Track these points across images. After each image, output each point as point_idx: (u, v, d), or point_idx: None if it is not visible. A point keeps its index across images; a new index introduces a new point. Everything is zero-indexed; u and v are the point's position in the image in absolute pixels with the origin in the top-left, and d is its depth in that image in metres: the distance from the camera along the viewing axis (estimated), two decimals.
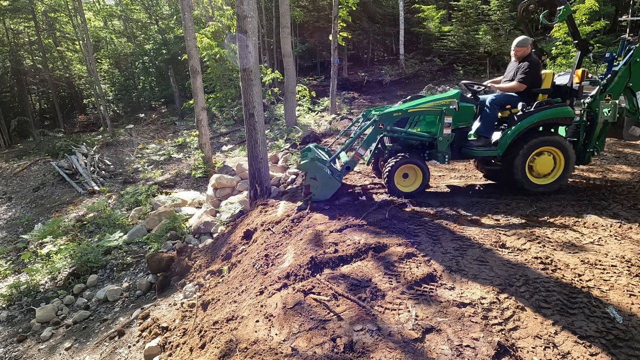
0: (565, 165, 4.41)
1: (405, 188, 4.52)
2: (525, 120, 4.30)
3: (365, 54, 25.20)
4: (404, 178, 4.53)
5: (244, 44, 5.34)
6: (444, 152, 4.51)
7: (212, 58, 15.52)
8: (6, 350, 4.54)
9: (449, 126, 4.40)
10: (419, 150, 4.79)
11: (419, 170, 4.49)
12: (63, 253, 6.45)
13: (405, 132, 4.59)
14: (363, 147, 4.46)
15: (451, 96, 4.46)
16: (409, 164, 4.44)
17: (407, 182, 4.56)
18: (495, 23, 17.33)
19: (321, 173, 4.35)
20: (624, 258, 2.92)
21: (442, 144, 4.46)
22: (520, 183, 4.40)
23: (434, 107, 4.44)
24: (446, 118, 4.37)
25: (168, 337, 3.45)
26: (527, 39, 4.61)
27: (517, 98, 4.50)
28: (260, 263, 3.47)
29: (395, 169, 4.41)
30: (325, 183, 4.38)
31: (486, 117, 4.59)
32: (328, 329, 2.22)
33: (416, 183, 4.54)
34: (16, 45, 22.37)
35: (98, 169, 12.72)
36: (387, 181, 4.45)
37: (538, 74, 4.50)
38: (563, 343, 2.09)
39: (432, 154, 4.66)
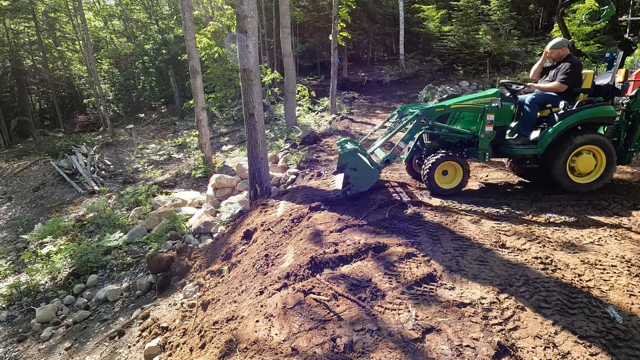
0: (607, 165, 4.37)
1: (444, 185, 4.53)
2: (567, 118, 4.28)
3: (365, 54, 25.20)
4: (443, 175, 4.53)
5: (244, 44, 5.34)
6: (485, 150, 4.51)
7: (212, 58, 15.52)
8: (6, 350, 4.54)
9: (491, 124, 4.41)
10: (457, 148, 4.78)
11: (459, 168, 4.49)
12: (63, 253, 6.45)
13: (447, 128, 4.59)
14: (404, 141, 4.46)
15: (492, 94, 4.47)
16: (449, 161, 4.43)
17: (446, 180, 4.55)
18: (495, 23, 17.32)
19: (362, 164, 4.37)
20: (624, 258, 2.92)
21: (483, 141, 4.47)
22: (560, 182, 4.38)
23: (476, 105, 4.45)
24: (488, 116, 4.38)
25: (168, 337, 3.45)
26: (563, 41, 4.59)
27: (557, 97, 4.50)
28: (260, 263, 3.47)
29: (436, 166, 4.40)
30: (365, 174, 4.40)
31: (526, 116, 4.59)
32: (328, 329, 2.22)
33: (455, 181, 4.54)
34: (16, 45, 22.37)
35: (98, 169, 12.72)
36: (427, 178, 4.44)
37: (579, 74, 4.50)
38: (563, 343, 2.09)
39: (471, 152, 4.66)
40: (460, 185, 4.54)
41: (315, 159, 7.68)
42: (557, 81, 4.52)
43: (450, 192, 4.50)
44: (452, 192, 4.51)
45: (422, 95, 14.64)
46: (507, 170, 5.75)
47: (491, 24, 17.33)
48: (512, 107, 4.60)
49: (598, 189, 4.46)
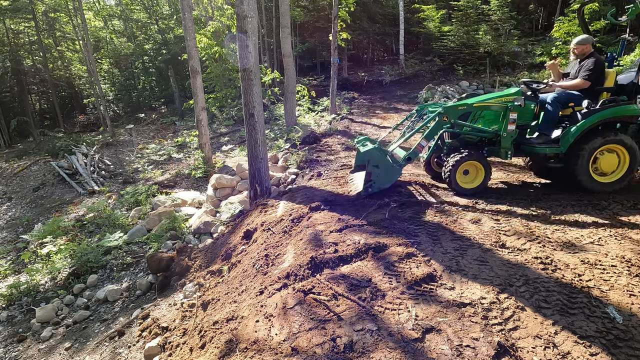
0: (630, 165, 4.35)
1: (466, 185, 4.52)
2: (590, 117, 4.25)
3: (365, 54, 25.20)
4: (464, 175, 4.52)
5: (244, 44, 5.34)
6: (507, 149, 4.51)
7: (212, 58, 15.52)
8: (6, 350, 4.54)
9: (513, 122, 4.40)
10: (478, 147, 4.78)
11: (481, 167, 4.48)
12: (63, 253, 6.45)
13: (469, 127, 4.58)
14: (425, 139, 4.46)
15: (513, 93, 4.47)
16: (471, 160, 4.42)
17: (467, 179, 4.55)
18: (495, 23, 17.32)
19: (384, 161, 4.39)
20: (624, 258, 2.92)
21: (505, 140, 4.46)
22: (582, 181, 4.36)
23: (499, 103, 4.44)
24: (511, 114, 4.37)
25: (168, 337, 3.45)
26: (588, 38, 4.57)
27: (580, 96, 4.48)
28: (260, 263, 3.47)
29: (458, 165, 4.40)
30: (387, 171, 4.42)
31: (548, 115, 4.57)
32: (328, 329, 2.22)
33: (477, 180, 4.53)
34: (16, 45, 22.37)
35: (98, 169, 12.72)
36: (448, 178, 4.44)
37: (602, 71, 4.47)
38: (563, 343, 2.09)
39: (493, 151, 4.67)
40: (482, 184, 4.52)
41: (315, 159, 7.67)
42: (580, 77, 4.48)
43: (471, 192, 4.49)
44: (474, 192, 4.49)
45: (422, 95, 14.63)
46: (507, 170, 5.75)
47: (491, 24, 17.33)
48: (533, 106, 4.58)
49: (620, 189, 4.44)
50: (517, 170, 5.89)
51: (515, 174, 5.70)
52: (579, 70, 4.57)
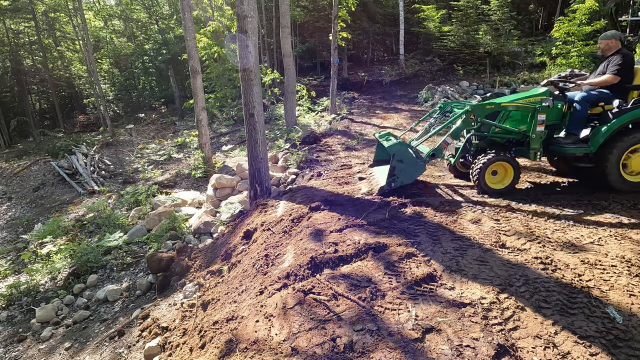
0: None
1: (494, 185, 4.51)
2: (622, 117, 4.20)
3: (365, 54, 25.19)
4: (493, 175, 4.52)
5: (244, 44, 5.34)
6: (536, 150, 4.49)
7: (212, 58, 15.52)
8: (6, 350, 4.54)
9: (542, 123, 4.38)
10: (505, 148, 4.76)
11: (509, 168, 4.47)
12: (63, 253, 6.45)
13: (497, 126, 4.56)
14: (451, 137, 4.45)
15: (541, 93, 4.44)
16: (500, 161, 4.41)
17: (495, 180, 4.54)
18: (495, 23, 17.32)
19: (408, 156, 4.39)
20: (624, 258, 2.92)
21: (534, 141, 4.44)
22: (612, 180, 4.32)
23: (527, 104, 4.40)
24: (540, 115, 4.35)
25: (168, 337, 3.45)
26: (616, 33, 4.52)
27: (610, 95, 4.44)
28: (260, 263, 3.47)
29: (487, 166, 4.38)
30: (411, 166, 4.43)
31: (576, 114, 4.53)
32: (328, 329, 2.22)
33: (505, 180, 4.52)
34: (16, 45, 22.37)
35: (98, 169, 12.72)
36: (477, 178, 4.43)
37: (632, 68, 4.41)
38: (563, 343, 2.09)
39: (521, 151, 4.64)
40: (511, 185, 4.51)
41: (315, 159, 7.67)
42: (609, 73, 4.41)
43: (500, 192, 4.48)
44: (502, 192, 4.48)
45: (422, 95, 14.63)
46: None
47: (491, 24, 17.32)
48: (560, 105, 4.55)
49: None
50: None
51: None
52: (606, 66, 4.50)
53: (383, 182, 4.62)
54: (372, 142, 8.76)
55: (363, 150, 8.03)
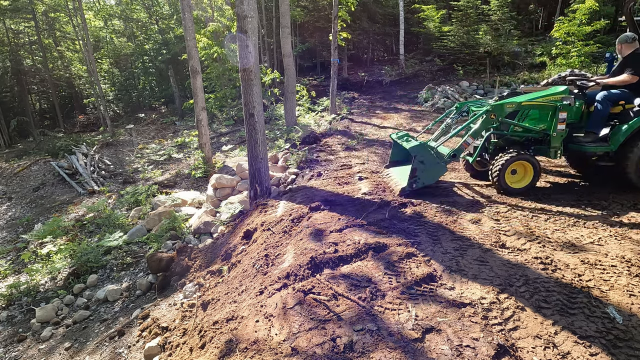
0: None
1: (514, 185, 4.50)
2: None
3: (365, 54, 25.20)
4: (512, 174, 4.50)
5: (244, 44, 5.34)
6: (556, 148, 4.48)
7: (212, 58, 15.52)
8: (6, 350, 4.54)
9: (563, 122, 4.36)
10: (524, 146, 4.74)
11: (529, 167, 4.44)
12: (63, 253, 6.45)
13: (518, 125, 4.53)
14: (472, 137, 4.44)
15: (561, 92, 4.42)
16: (521, 160, 4.39)
17: (515, 179, 4.52)
18: (495, 23, 17.32)
19: (430, 157, 4.38)
20: (624, 258, 2.92)
21: (555, 139, 4.43)
22: (633, 179, 4.32)
23: (547, 102, 4.39)
24: (561, 114, 4.33)
25: (168, 337, 3.45)
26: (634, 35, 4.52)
27: (631, 94, 4.44)
28: (260, 263, 3.47)
29: (508, 165, 4.36)
30: (433, 167, 4.42)
31: (597, 113, 4.52)
32: (328, 329, 2.22)
33: (525, 180, 4.50)
34: (16, 45, 22.36)
35: (98, 169, 12.72)
36: (497, 178, 4.41)
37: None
38: (563, 343, 2.09)
39: (540, 150, 4.62)
40: (531, 184, 4.49)
41: (315, 159, 7.67)
42: (626, 73, 4.42)
43: (519, 192, 4.46)
44: (522, 192, 4.46)
45: (422, 96, 14.63)
46: None
47: (491, 24, 17.33)
48: (580, 104, 4.54)
49: None
50: None
51: None
52: (623, 66, 4.51)
53: (404, 183, 4.61)
54: (372, 142, 8.76)
55: (363, 150, 8.03)
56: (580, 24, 13.75)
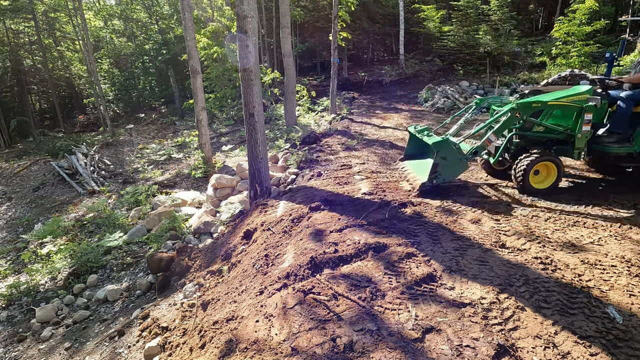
0: None
1: (537, 185, 4.47)
2: None
3: (365, 54, 25.20)
4: (535, 175, 4.47)
5: (244, 44, 5.34)
6: (581, 149, 4.44)
7: (211, 58, 15.52)
8: (6, 350, 4.54)
9: (589, 123, 4.32)
10: (546, 146, 4.70)
11: (553, 167, 4.41)
12: (63, 253, 6.45)
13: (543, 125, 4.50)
14: (494, 134, 4.40)
15: (584, 92, 4.39)
16: (546, 161, 4.35)
17: (538, 179, 4.49)
18: (495, 23, 17.32)
19: (452, 153, 4.35)
20: (624, 258, 2.92)
21: (580, 140, 4.39)
22: None
23: (573, 102, 4.34)
24: (586, 115, 4.29)
25: (168, 337, 3.45)
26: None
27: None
28: (260, 263, 3.47)
29: (532, 165, 4.33)
30: (454, 164, 4.40)
31: (620, 112, 4.47)
32: (328, 329, 2.22)
33: (548, 180, 4.47)
34: (16, 45, 22.36)
35: (98, 169, 12.72)
36: (521, 178, 4.37)
37: None
38: (563, 343, 2.09)
39: (562, 150, 4.59)
40: (554, 184, 4.46)
41: (315, 159, 7.68)
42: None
43: (542, 192, 4.43)
44: (546, 192, 4.43)
45: (422, 96, 14.64)
46: None
47: (491, 24, 17.33)
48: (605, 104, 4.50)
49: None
50: None
51: None
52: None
53: (423, 177, 4.58)
54: (372, 142, 8.76)
55: (363, 150, 8.02)
56: (580, 24, 13.75)
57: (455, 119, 5.78)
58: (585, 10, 13.50)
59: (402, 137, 9.13)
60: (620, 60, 11.38)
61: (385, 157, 7.25)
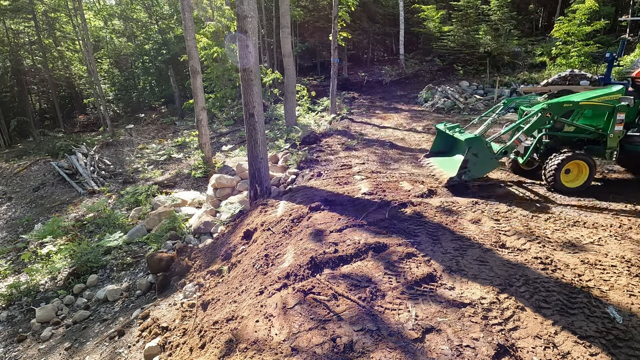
0: None
1: (568, 184, 4.48)
2: None
3: (365, 54, 25.20)
4: (565, 174, 4.48)
5: (244, 44, 5.34)
6: (613, 149, 4.45)
7: (211, 58, 15.53)
8: (6, 350, 4.54)
9: (621, 122, 4.33)
10: (576, 146, 4.70)
11: (584, 166, 4.42)
12: (63, 253, 6.44)
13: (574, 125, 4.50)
14: (525, 134, 4.42)
15: (616, 91, 4.39)
16: (577, 159, 4.36)
17: (568, 178, 4.51)
18: (495, 23, 17.33)
19: (484, 151, 4.37)
20: (624, 258, 2.92)
21: (612, 140, 4.40)
22: None
23: (605, 103, 4.34)
24: (619, 115, 4.29)
25: (168, 337, 3.45)
26: None
27: None
28: (260, 263, 3.47)
29: (564, 165, 4.34)
30: (485, 161, 4.42)
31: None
32: (328, 329, 2.22)
33: (579, 179, 4.48)
34: (16, 45, 22.35)
35: (98, 169, 12.72)
36: (552, 177, 4.39)
37: None
38: (563, 343, 2.09)
39: (593, 150, 4.59)
40: (586, 183, 4.47)
41: (315, 159, 7.68)
42: None
43: (573, 191, 4.44)
44: (576, 191, 4.44)
45: (422, 95, 14.64)
46: (506, 170, 5.73)
47: (491, 24, 17.33)
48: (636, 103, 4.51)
49: None
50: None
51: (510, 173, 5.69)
52: None
53: (451, 172, 4.59)
54: (372, 142, 8.76)
55: (363, 150, 8.02)
56: (580, 24, 13.76)
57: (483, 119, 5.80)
58: (585, 10, 13.50)
59: (402, 137, 9.14)
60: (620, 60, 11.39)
61: (385, 157, 7.25)
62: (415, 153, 7.47)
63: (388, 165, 6.62)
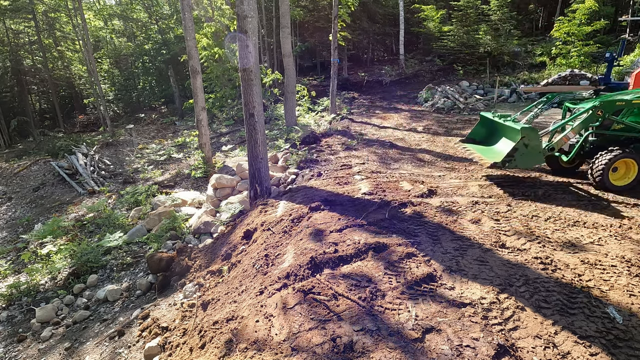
0: None
1: (615, 182, 4.45)
2: None
3: (365, 54, 25.20)
4: (613, 172, 4.45)
5: (244, 44, 5.34)
6: None
7: (212, 58, 15.53)
8: (6, 350, 4.54)
9: None
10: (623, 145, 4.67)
11: (633, 165, 4.39)
12: (63, 253, 6.44)
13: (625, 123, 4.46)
14: (574, 131, 4.38)
15: None
16: (626, 158, 4.34)
17: (615, 176, 4.48)
18: (495, 23, 17.33)
19: (537, 143, 4.33)
20: (624, 258, 2.92)
21: None
22: None
23: None
24: None
25: (168, 337, 3.45)
26: None
27: None
28: (260, 263, 3.47)
29: (612, 163, 4.32)
30: (533, 154, 4.38)
31: None
32: (328, 329, 2.22)
33: (627, 178, 4.45)
34: (16, 45, 22.35)
35: (98, 169, 12.72)
36: (600, 175, 4.35)
37: None
38: (563, 343, 2.09)
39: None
40: (634, 181, 4.42)
41: (315, 159, 7.68)
42: None
43: (621, 189, 4.41)
44: (624, 189, 4.40)
45: (422, 95, 14.64)
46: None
47: (491, 24, 17.34)
48: None
49: None
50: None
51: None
52: None
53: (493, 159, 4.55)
54: (372, 142, 8.76)
55: (363, 150, 8.03)
56: (580, 24, 13.77)
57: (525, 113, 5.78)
58: (585, 10, 13.51)
59: (402, 137, 9.14)
60: (620, 60, 11.39)
61: (385, 157, 7.25)
62: (416, 153, 7.48)
63: (388, 165, 6.63)
